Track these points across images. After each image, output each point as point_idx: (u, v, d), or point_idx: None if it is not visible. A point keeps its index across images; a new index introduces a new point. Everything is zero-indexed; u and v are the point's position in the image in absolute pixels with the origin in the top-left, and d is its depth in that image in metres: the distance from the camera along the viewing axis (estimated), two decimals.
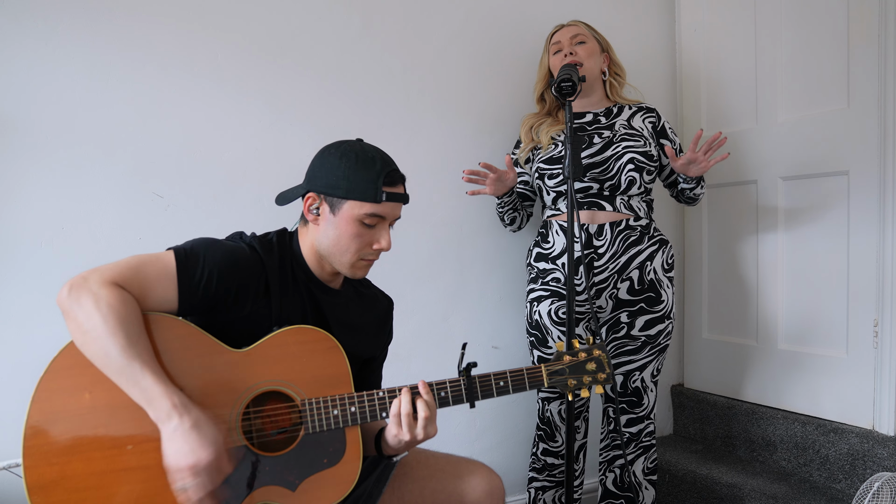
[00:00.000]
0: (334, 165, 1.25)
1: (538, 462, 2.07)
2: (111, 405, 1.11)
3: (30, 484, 1.08)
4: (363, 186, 1.23)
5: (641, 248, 1.94)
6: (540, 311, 1.98)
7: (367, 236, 1.27)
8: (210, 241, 1.23)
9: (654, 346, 1.96)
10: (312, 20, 1.98)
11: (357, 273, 1.31)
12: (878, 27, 1.94)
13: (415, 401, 1.24)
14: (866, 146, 1.99)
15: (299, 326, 1.24)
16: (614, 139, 1.95)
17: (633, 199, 1.95)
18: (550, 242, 1.99)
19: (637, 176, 1.92)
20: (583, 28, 2.04)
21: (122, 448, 1.12)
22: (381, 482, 1.37)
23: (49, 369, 1.11)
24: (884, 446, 1.92)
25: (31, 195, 1.66)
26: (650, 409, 2.02)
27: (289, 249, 1.32)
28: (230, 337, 1.20)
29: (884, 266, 1.96)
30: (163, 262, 1.15)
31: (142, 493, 1.12)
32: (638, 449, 2.02)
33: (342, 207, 1.25)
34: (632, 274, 1.93)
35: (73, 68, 1.69)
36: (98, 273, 1.10)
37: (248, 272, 1.22)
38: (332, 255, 1.28)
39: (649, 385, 2.00)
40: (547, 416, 2.03)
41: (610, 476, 2.07)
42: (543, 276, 1.99)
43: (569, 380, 1.37)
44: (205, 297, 1.17)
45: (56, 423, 1.10)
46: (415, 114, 2.14)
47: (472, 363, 1.30)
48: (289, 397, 1.23)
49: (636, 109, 2.04)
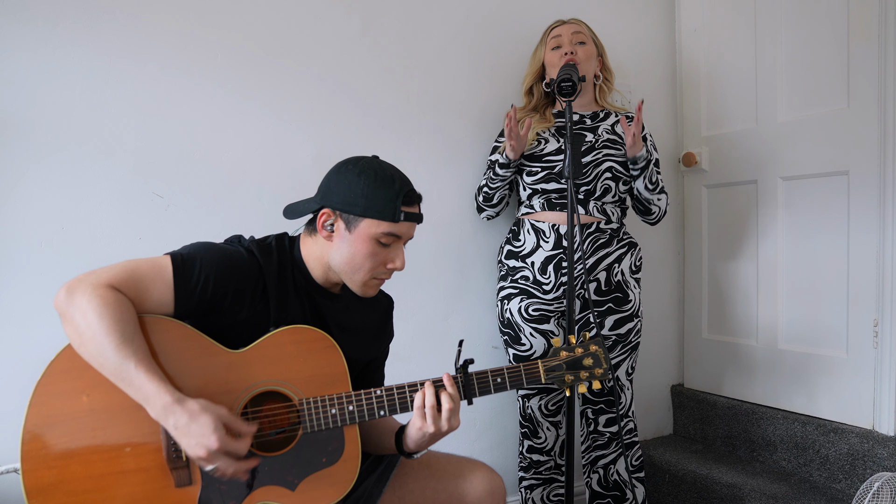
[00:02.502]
0: (352, 182, 1.24)
1: (525, 461, 2.08)
2: (109, 408, 1.11)
3: (28, 488, 1.08)
4: (381, 205, 1.22)
5: (610, 251, 1.96)
6: (511, 308, 1.99)
7: (381, 255, 1.26)
8: (207, 245, 1.23)
9: (625, 344, 2.00)
10: (312, 20, 1.98)
11: (368, 291, 1.31)
12: (878, 27, 1.94)
13: (438, 393, 1.25)
14: (866, 146, 1.99)
15: (296, 326, 1.24)
16: (596, 145, 1.96)
17: (606, 204, 1.97)
18: (521, 240, 2.00)
19: (613, 185, 1.95)
20: (584, 28, 2.04)
21: (120, 450, 1.12)
22: (381, 482, 1.37)
23: (46, 373, 1.11)
24: (884, 446, 1.92)
25: (31, 195, 1.66)
26: (628, 406, 2.05)
27: (288, 255, 1.31)
28: (228, 339, 1.20)
29: (884, 266, 1.96)
30: (159, 266, 1.16)
31: (141, 496, 1.12)
32: (619, 447, 2.02)
33: (359, 225, 1.24)
34: (599, 275, 1.96)
35: (73, 68, 1.69)
36: (94, 276, 1.11)
37: (244, 276, 1.22)
38: (345, 272, 1.28)
39: (625, 383, 2.03)
40: (528, 413, 2.05)
41: (594, 477, 2.09)
42: (513, 274, 2.00)
43: (566, 375, 1.36)
44: (201, 302, 1.17)
45: (54, 426, 1.10)
46: (415, 114, 2.14)
47: (468, 360, 1.30)
48: (286, 397, 1.22)
49: (622, 117, 2.04)
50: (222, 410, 1.11)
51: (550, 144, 1.97)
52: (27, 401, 1.09)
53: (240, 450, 1.11)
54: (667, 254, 2.66)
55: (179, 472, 1.14)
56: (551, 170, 1.94)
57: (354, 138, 2.04)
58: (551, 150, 1.96)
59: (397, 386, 1.27)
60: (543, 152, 1.96)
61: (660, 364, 2.67)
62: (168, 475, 1.14)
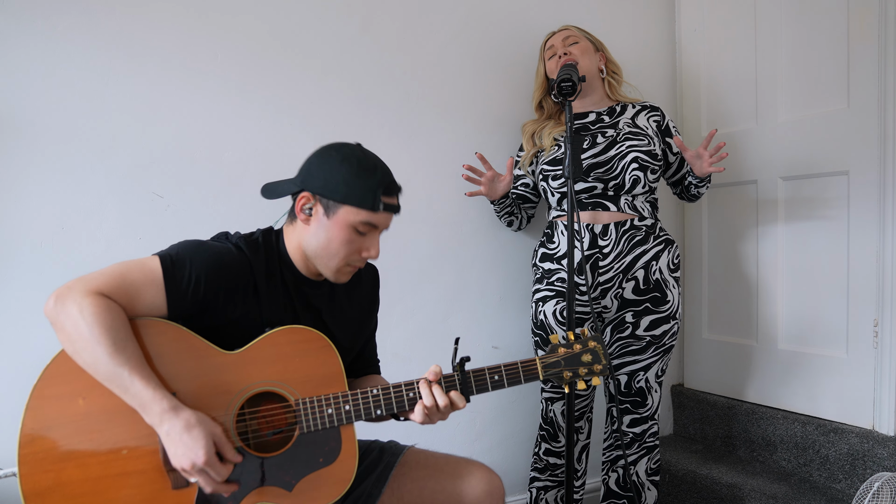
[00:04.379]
0: (334, 168, 1.24)
1: (540, 462, 2.07)
2: (105, 410, 1.12)
3: (26, 492, 1.08)
4: (362, 193, 1.22)
5: (647, 248, 1.93)
6: (545, 311, 1.97)
7: (357, 243, 1.26)
8: (196, 243, 1.23)
9: (658, 346, 1.95)
10: (313, 20, 1.98)
11: (341, 278, 1.31)
12: (878, 27, 1.94)
13: (436, 394, 1.27)
14: (866, 146, 1.99)
15: (291, 326, 1.24)
16: (618, 138, 1.95)
17: (637, 198, 1.95)
18: (556, 243, 1.99)
19: (641, 175, 1.92)
20: (573, 30, 2.06)
21: (117, 453, 1.12)
22: (380, 482, 1.37)
23: (43, 376, 1.11)
24: (884, 446, 1.92)
25: (31, 195, 1.66)
26: (654, 409, 2.01)
27: (275, 249, 1.31)
28: (222, 339, 1.20)
29: (884, 266, 1.96)
30: (148, 269, 1.15)
31: (139, 498, 1.12)
32: (641, 449, 2.01)
33: (337, 212, 1.24)
34: (637, 274, 1.93)
35: (73, 68, 1.69)
36: (82, 283, 1.10)
37: (235, 273, 1.22)
38: (319, 257, 1.27)
39: (653, 385, 1.99)
40: (550, 417, 2.03)
41: (613, 476, 2.07)
42: (549, 277, 1.99)
43: (564, 372, 1.35)
44: (194, 302, 1.17)
45: (51, 429, 1.10)
46: (415, 114, 2.14)
47: (465, 357, 1.30)
48: (283, 398, 1.23)
49: (640, 108, 2.04)
50: (217, 429, 1.12)
51: None
52: (24, 404, 1.10)
53: (221, 474, 1.11)
54: None
55: (176, 475, 1.13)
56: None
57: (354, 138, 2.01)
58: None
59: (394, 385, 1.27)
60: (564, 155, 1.96)
61: None
62: (165, 477, 1.14)
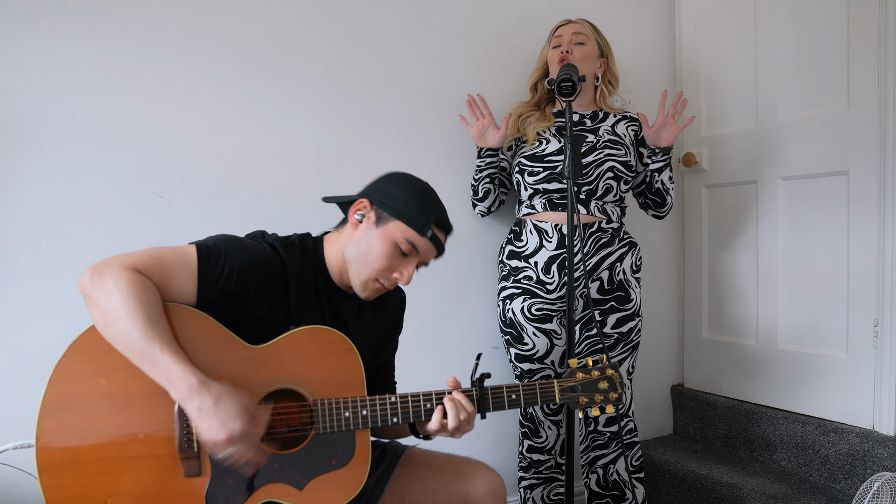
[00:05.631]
0: (399, 186, 1.29)
1: (524, 460, 2.09)
2: (126, 392, 1.12)
3: (41, 465, 1.08)
4: (416, 215, 1.26)
5: (612, 250, 1.98)
6: (513, 308, 2.00)
7: (395, 261, 1.27)
8: (232, 238, 1.24)
9: (626, 342, 2.01)
10: (313, 20, 1.98)
11: (366, 294, 1.31)
12: (878, 27, 1.95)
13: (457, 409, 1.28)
14: (866, 146, 1.99)
15: (316, 327, 1.25)
16: (597, 145, 1.98)
17: (607, 204, 1.98)
18: (524, 241, 2.01)
19: (614, 184, 1.97)
20: (587, 28, 2.05)
21: (133, 436, 1.12)
22: (382, 482, 1.37)
23: (67, 352, 1.11)
24: (884, 446, 1.92)
25: (31, 195, 1.66)
26: (628, 406, 2.05)
27: (312, 254, 1.32)
28: (246, 333, 1.21)
29: (884, 266, 1.96)
30: (184, 254, 1.16)
31: (150, 482, 1.12)
32: (618, 447, 2.03)
33: (388, 224, 1.26)
34: (602, 274, 1.97)
35: (73, 68, 1.69)
36: (120, 259, 1.12)
37: (267, 272, 1.23)
38: (354, 262, 1.28)
39: (625, 382, 2.03)
40: (530, 413, 2.05)
41: (593, 477, 2.10)
42: (516, 274, 2.01)
43: (580, 397, 1.37)
44: (223, 294, 1.18)
45: (70, 406, 1.10)
46: (415, 114, 2.14)
47: (485, 374, 1.31)
48: (301, 396, 1.23)
49: (621, 117, 2.07)
50: (244, 397, 1.12)
51: (552, 145, 1.98)
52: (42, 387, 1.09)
53: (258, 436, 1.12)
54: (667, 254, 2.66)
55: (190, 463, 1.14)
56: (553, 170, 1.95)
57: (354, 139, 2.04)
58: (553, 150, 1.97)
59: (412, 394, 1.28)
60: (545, 152, 1.97)
61: (660, 364, 2.67)
62: (178, 464, 1.14)
